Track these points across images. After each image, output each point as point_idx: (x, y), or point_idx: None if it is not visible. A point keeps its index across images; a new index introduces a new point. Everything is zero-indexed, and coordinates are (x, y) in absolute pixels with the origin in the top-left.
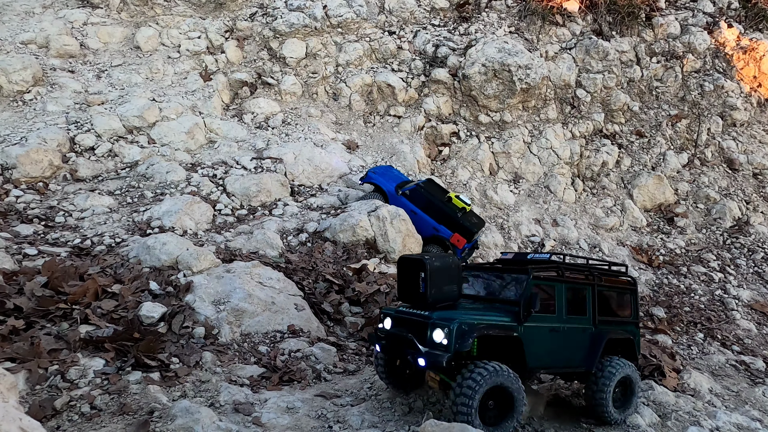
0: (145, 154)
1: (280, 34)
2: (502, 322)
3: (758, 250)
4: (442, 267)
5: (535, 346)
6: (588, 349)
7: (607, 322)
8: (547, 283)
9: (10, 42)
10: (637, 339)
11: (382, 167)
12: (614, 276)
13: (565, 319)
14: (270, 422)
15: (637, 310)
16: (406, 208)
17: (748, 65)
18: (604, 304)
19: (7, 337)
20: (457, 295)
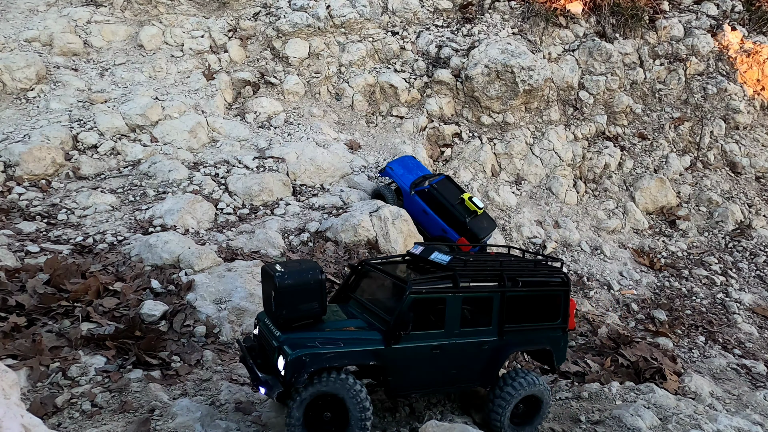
0: (148, 153)
1: (283, 34)
2: (361, 348)
3: (760, 254)
4: (296, 284)
5: (408, 368)
6: (487, 364)
7: (521, 331)
8: (432, 297)
9: (14, 39)
10: (562, 345)
11: (403, 158)
12: (539, 276)
13: (457, 334)
14: (270, 421)
15: (566, 313)
16: (419, 207)
17: (752, 68)
18: (520, 309)
19: (9, 334)
20: (318, 312)
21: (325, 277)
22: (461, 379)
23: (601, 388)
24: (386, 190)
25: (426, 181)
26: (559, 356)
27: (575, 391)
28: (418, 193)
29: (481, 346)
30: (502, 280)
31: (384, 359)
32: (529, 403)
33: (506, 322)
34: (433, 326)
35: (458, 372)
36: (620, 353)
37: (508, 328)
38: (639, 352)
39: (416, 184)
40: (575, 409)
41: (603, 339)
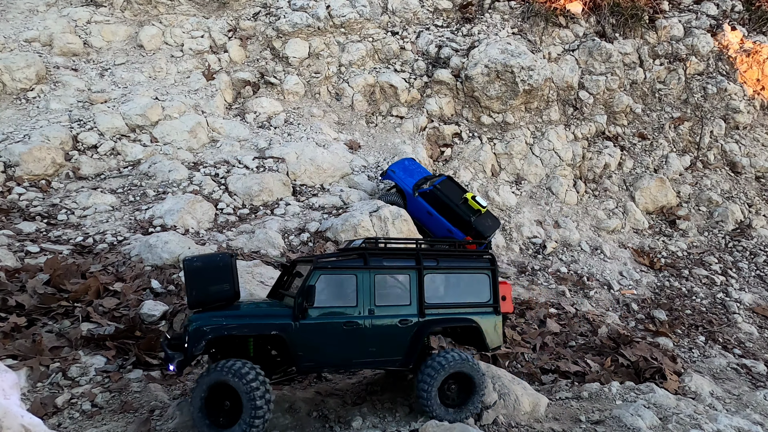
0: (148, 153)
1: (283, 34)
2: (265, 321)
3: (760, 254)
4: (204, 267)
5: (318, 344)
6: (407, 342)
7: (445, 309)
8: (341, 273)
9: (14, 40)
10: (495, 326)
11: (404, 161)
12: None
13: (372, 311)
14: (271, 422)
15: (496, 294)
16: (423, 209)
17: (752, 68)
18: (443, 288)
19: (9, 335)
20: (230, 294)
21: (234, 259)
22: (380, 357)
23: (601, 388)
24: (394, 196)
25: (428, 182)
26: (492, 337)
27: (575, 390)
28: (422, 194)
29: (400, 323)
30: (419, 258)
31: (290, 333)
32: (462, 383)
33: (427, 300)
34: (346, 303)
35: (377, 350)
36: (620, 353)
37: (430, 305)
38: (639, 352)
39: (419, 185)
40: (575, 409)
41: (603, 339)
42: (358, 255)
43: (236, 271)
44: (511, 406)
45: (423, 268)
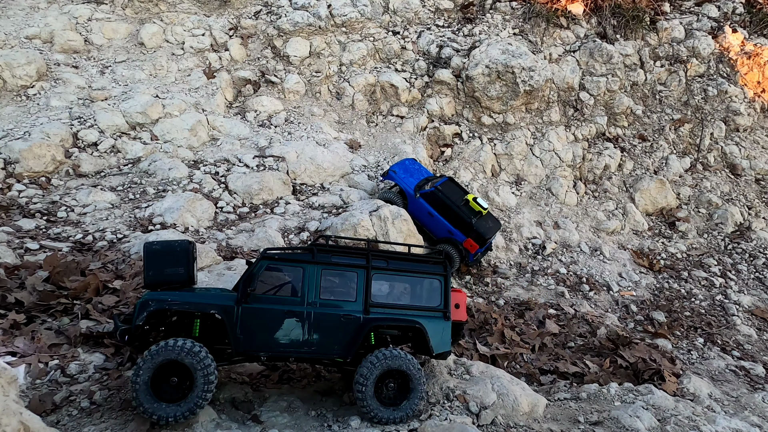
0: (148, 151)
1: (284, 33)
2: (208, 301)
3: (759, 256)
4: (161, 250)
5: (258, 329)
6: (349, 337)
7: (391, 309)
8: (286, 265)
9: (15, 37)
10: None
11: (405, 162)
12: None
13: (314, 303)
14: (269, 420)
15: (446, 299)
16: (424, 210)
17: (752, 70)
18: (391, 289)
19: (8, 331)
20: (184, 278)
21: (193, 247)
22: (319, 348)
23: (600, 389)
24: (392, 194)
25: (429, 183)
26: (437, 341)
27: (574, 391)
28: (423, 195)
29: (343, 318)
30: (368, 258)
31: (231, 315)
32: (400, 381)
33: (373, 299)
34: (291, 293)
35: (317, 341)
36: (619, 354)
37: (375, 304)
38: (638, 354)
39: (420, 186)
40: (574, 410)
41: (602, 340)
42: (308, 250)
43: (193, 258)
44: (509, 407)
45: (371, 268)
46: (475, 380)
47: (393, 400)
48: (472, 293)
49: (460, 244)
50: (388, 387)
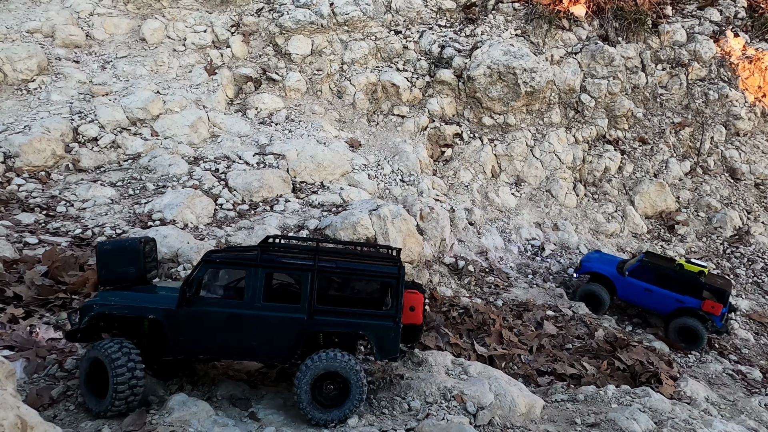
0: (148, 147)
1: (286, 31)
2: (148, 305)
3: (758, 260)
4: (112, 250)
5: (200, 331)
6: (292, 341)
7: (336, 313)
8: (230, 267)
9: (16, 30)
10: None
11: (591, 254)
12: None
13: (259, 306)
14: (266, 418)
15: (398, 303)
16: (638, 288)
17: (754, 75)
18: (338, 293)
19: (6, 325)
20: (135, 276)
21: (143, 247)
22: (262, 351)
23: (597, 391)
24: (593, 286)
25: (627, 263)
26: (384, 346)
27: (571, 393)
28: (632, 273)
29: (287, 322)
30: (315, 259)
31: (173, 318)
32: (340, 384)
33: (319, 302)
34: (235, 296)
35: (259, 344)
36: (617, 356)
37: (321, 308)
38: (635, 356)
39: (622, 266)
40: (571, 411)
41: (600, 342)
42: (253, 250)
43: (145, 257)
44: (507, 407)
45: (318, 270)
46: (472, 381)
47: (333, 401)
48: (471, 294)
49: (699, 310)
50: (327, 388)
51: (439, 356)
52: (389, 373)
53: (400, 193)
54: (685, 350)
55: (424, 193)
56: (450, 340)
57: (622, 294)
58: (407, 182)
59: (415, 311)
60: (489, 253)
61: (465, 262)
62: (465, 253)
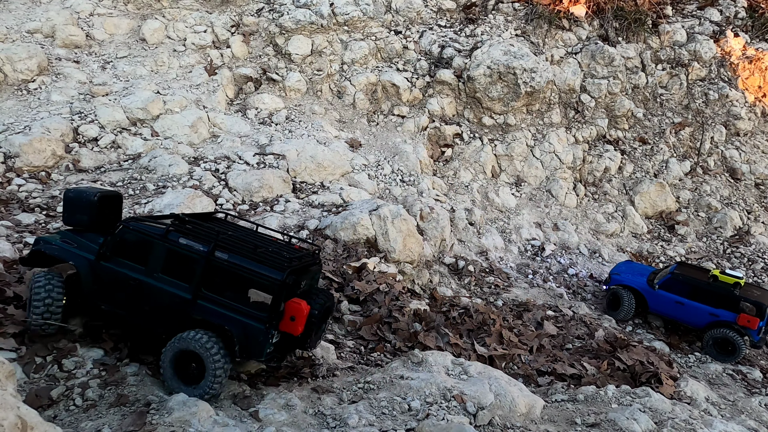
0: (148, 147)
1: (286, 31)
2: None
3: (758, 260)
4: (73, 198)
5: (108, 286)
6: (173, 317)
7: (217, 303)
8: (140, 235)
9: (16, 30)
10: (261, 339)
11: (620, 265)
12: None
13: (156, 277)
14: (267, 418)
15: (274, 308)
16: (669, 301)
17: (754, 75)
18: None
19: (6, 324)
20: (86, 224)
21: (97, 200)
22: (150, 319)
23: (597, 391)
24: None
25: (658, 274)
26: (246, 346)
27: (571, 393)
28: (663, 286)
29: (175, 298)
30: (213, 248)
31: (89, 268)
32: (197, 361)
33: (205, 287)
34: (141, 262)
35: (150, 312)
36: (617, 357)
37: (206, 294)
38: (635, 356)
39: (653, 279)
40: (571, 412)
41: (600, 342)
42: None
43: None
44: (507, 407)
45: (210, 258)
46: (472, 381)
47: (197, 379)
48: (471, 294)
49: (735, 323)
50: (191, 367)
51: (439, 356)
52: (389, 373)
53: (400, 193)
54: (722, 362)
55: (424, 193)
56: (450, 340)
57: (653, 307)
58: (407, 182)
59: (294, 322)
60: (489, 253)
61: (465, 262)
62: (465, 253)
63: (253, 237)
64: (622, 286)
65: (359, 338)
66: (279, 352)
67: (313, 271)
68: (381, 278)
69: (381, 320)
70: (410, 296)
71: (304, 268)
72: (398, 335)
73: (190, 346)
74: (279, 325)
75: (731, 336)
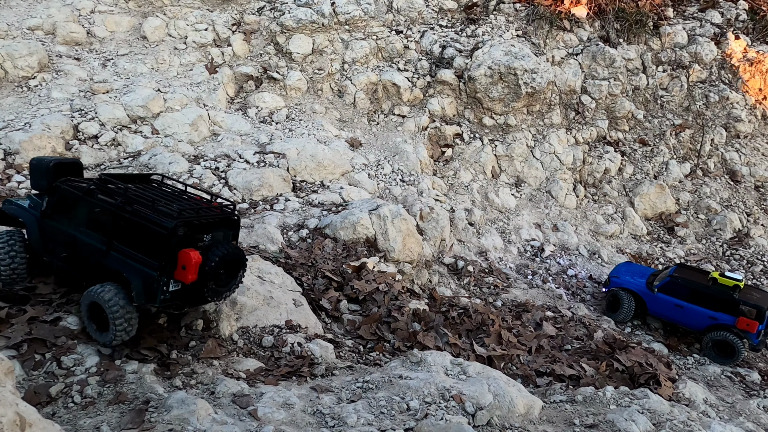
0: (149, 145)
1: (287, 29)
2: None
3: (757, 263)
4: (35, 165)
5: (51, 240)
6: (97, 268)
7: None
8: (70, 192)
9: (17, 27)
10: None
11: (620, 267)
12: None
13: (82, 231)
14: (266, 416)
15: (167, 257)
16: (669, 304)
17: (754, 77)
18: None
19: (5, 321)
20: (45, 188)
21: (52, 165)
22: (81, 269)
23: (596, 392)
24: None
25: (657, 276)
26: (142, 291)
27: (570, 394)
28: (662, 289)
29: (94, 250)
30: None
31: (32, 226)
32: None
33: (116, 239)
34: (72, 217)
35: (80, 264)
36: (615, 358)
37: (115, 244)
38: (634, 357)
39: (652, 282)
40: (569, 412)
41: (599, 343)
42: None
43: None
44: (505, 408)
45: (118, 212)
46: (471, 381)
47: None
48: (470, 294)
49: (734, 327)
50: (102, 316)
51: (437, 356)
52: (388, 372)
53: (400, 193)
54: (722, 364)
55: (424, 193)
56: (449, 340)
57: (652, 310)
58: (407, 182)
59: (185, 270)
60: (488, 254)
61: (464, 262)
62: (464, 253)
63: (169, 196)
64: (622, 289)
65: (358, 337)
66: (181, 301)
67: (224, 228)
68: (380, 278)
69: (380, 320)
70: (409, 296)
71: (207, 222)
72: (397, 335)
73: (94, 298)
74: (174, 274)
75: (730, 339)
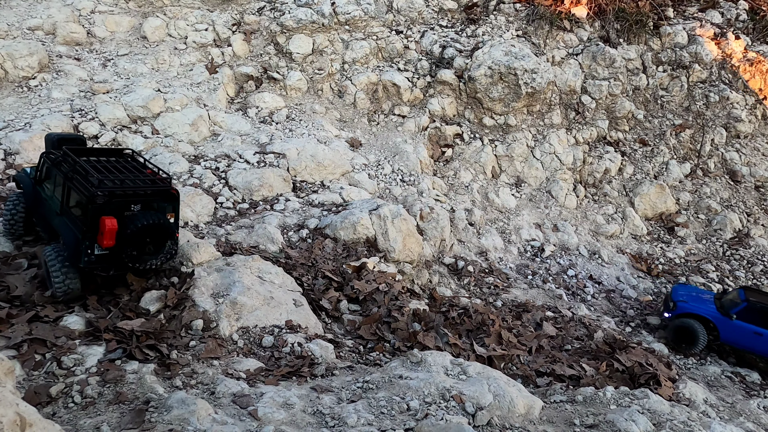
0: (149, 145)
1: (287, 30)
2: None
3: (758, 263)
4: (47, 139)
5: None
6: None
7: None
8: (49, 164)
9: (17, 27)
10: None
11: (677, 289)
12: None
13: (49, 196)
14: (266, 416)
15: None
16: (747, 332)
17: (754, 77)
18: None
19: (5, 321)
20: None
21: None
22: (45, 230)
23: (596, 392)
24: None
25: (724, 299)
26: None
27: (570, 394)
28: (740, 314)
29: (52, 213)
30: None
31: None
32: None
33: (67, 204)
34: (49, 184)
35: (45, 224)
36: (616, 358)
37: (64, 208)
38: (634, 358)
39: (721, 305)
40: (569, 413)
41: (599, 343)
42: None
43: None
44: (505, 408)
45: (66, 182)
46: (471, 381)
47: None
48: (470, 294)
49: None
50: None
51: (437, 356)
52: (388, 372)
53: (401, 193)
54: None
55: (424, 193)
56: (449, 340)
57: (725, 337)
58: (407, 182)
59: (102, 236)
60: (489, 254)
61: (465, 262)
62: (465, 253)
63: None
64: (691, 315)
65: (358, 338)
66: (107, 264)
67: (160, 200)
68: (380, 278)
69: (380, 320)
70: (409, 296)
71: (135, 194)
72: (397, 335)
73: (41, 258)
74: (96, 239)
75: None
